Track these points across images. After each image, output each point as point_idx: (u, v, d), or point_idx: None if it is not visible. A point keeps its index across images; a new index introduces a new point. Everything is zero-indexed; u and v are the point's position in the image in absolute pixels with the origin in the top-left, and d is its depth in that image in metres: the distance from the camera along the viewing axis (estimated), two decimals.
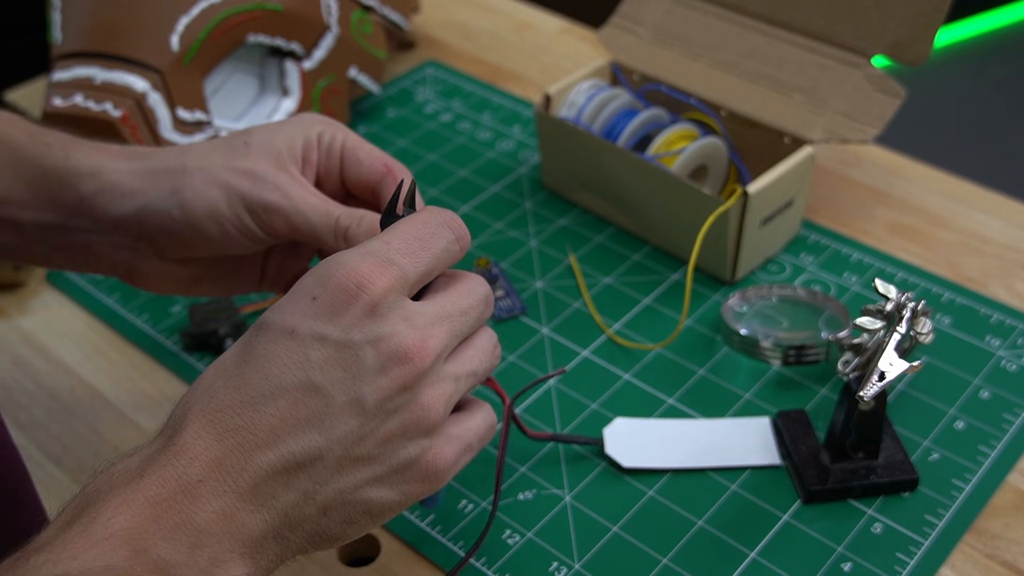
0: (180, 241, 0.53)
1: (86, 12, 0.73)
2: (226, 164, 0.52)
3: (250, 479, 0.40)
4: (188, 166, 0.52)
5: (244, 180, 0.51)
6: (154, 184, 0.52)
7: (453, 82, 0.90)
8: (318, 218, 0.51)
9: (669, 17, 0.76)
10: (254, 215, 0.51)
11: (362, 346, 0.42)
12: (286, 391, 0.41)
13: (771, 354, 0.63)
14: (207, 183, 0.51)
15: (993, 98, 2.18)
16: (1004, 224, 0.74)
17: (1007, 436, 0.59)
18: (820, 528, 0.55)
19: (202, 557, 0.38)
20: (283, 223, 0.51)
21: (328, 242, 0.51)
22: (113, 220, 0.53)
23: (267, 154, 0.52)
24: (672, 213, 0.69)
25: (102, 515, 0.38)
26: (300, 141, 0.53)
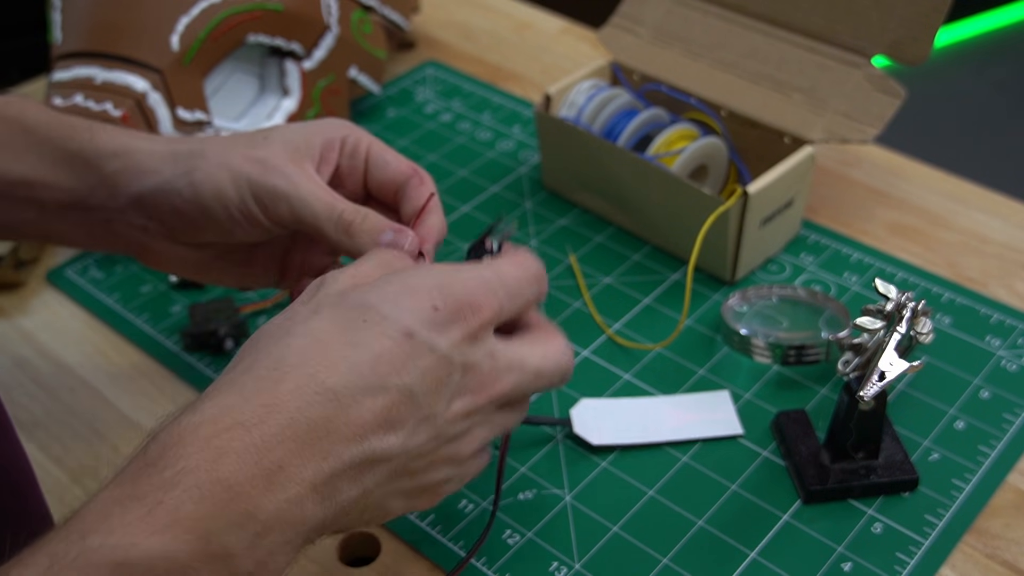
0: (189, 221, 0.53)
1: (86, 12, 0.73)
2: (242, 151, 0.53)
3: (328, 471, 0.39)
4: (207, 150, 0.53)
5: (254, 166, 0.52)
6: (172, 165, 0.53)
7: (453, 82, 0.90)
8: (321, 208, 0.51)
9: (669, 17, 0.76)
10: (258, 200, 0.52)
11: (457, 367, 0.43)
12: (387, 390, 0.41)
13: (771, 354, 0.63)
14: (218, 166, 0.52)
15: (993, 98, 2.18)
16: (1004, 224, 0.74)
17: (1007, 436, 0.59)
18: (820, 528, 0.55)
19: (262, 547, 0.38)
20: (286, 210, 0.51)
21: (330, 234, 0.52)
22: (130, 197, 0.53)
23: (283, 147, 0.53)
24: (672, 213, 0.69)
25: (169, 498, 0.36)
26: (320, 140, 0.54)
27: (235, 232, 0.53)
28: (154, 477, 0.37)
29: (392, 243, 0.51)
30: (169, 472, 0.37)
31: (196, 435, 0.38)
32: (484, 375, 0.44)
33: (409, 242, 0.51)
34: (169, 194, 0.53)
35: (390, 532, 0.56)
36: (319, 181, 0.52)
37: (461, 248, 0.73)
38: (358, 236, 0.51)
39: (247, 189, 0.52)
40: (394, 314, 0.42)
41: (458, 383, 0.43)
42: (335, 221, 0.51)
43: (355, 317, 0.42)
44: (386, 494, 0.43)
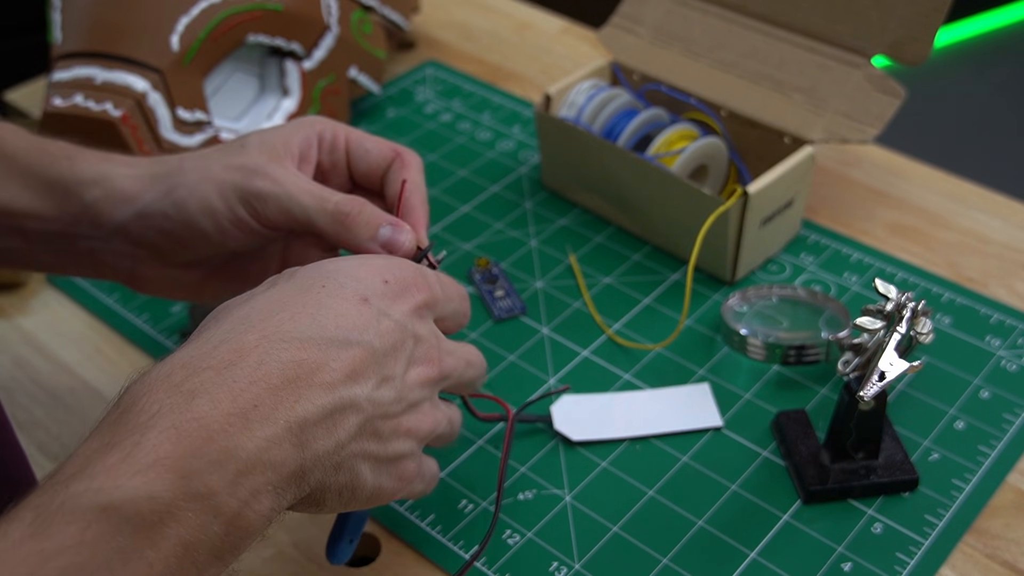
0: (178, 241, 0.53)
1: (86, 12, 0.73)
2: (221, 161, 0.52)
3: (302, 414, 0.40)
4: (185, 167, 0.53)
5: (236, 173, 0.52)
6: (152, 187, 0.53)
7: (453, 82, 0.90)
8: (312, 202, 0.51)
9: (669, 17, 0.76)
10: (247, 205, 0.51)
11: (410, 335, 0.46)
12: (352, 344, 0.43)
13: (771, 354, 0.63)
14: (200, 180, 0.52)
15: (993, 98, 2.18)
16: (1004, 224, 0.74)
17: (1007, 436, 0.59)
18: (820, 528, 0.55)
19: (244, 487, 0.38)
20: (276, 210, 0.51)
21: (326, 227, 0.52)
22: (114, 226, 0.53)
23: (261, 150, 0.53)
24: (672, 213, 0.69)
25: (147, 440, 0.37)
26: (297, 139, 0.54)
27: (227, 243, 0.53)
28: (130, 423, 0.37)
29: (390, 240, 0.52)
30: (144, 416, 0.37)
31: (167, 382, 0.39)
32: (433, 349, 0.47)
33: (407, 238, 0.52)
34: (154, 217, 0.52)
35: (390, 532, 0.56)
36: (303, 177, 0.52)
37: (461, 248, 0.73)
38: (355, 228, 0.51)
39: (234, 196, 0.51)
40: (350, 283, 0.45)
41: (412, 351, 0.46)
42: (329, 213, 0.51)
43: (314, 284, 0.44)
44: (356, 454, 0.43)
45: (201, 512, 0.37)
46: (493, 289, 0.70)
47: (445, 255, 0.53)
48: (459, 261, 0.72)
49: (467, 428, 0.61)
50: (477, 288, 0.70)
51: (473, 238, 0.74)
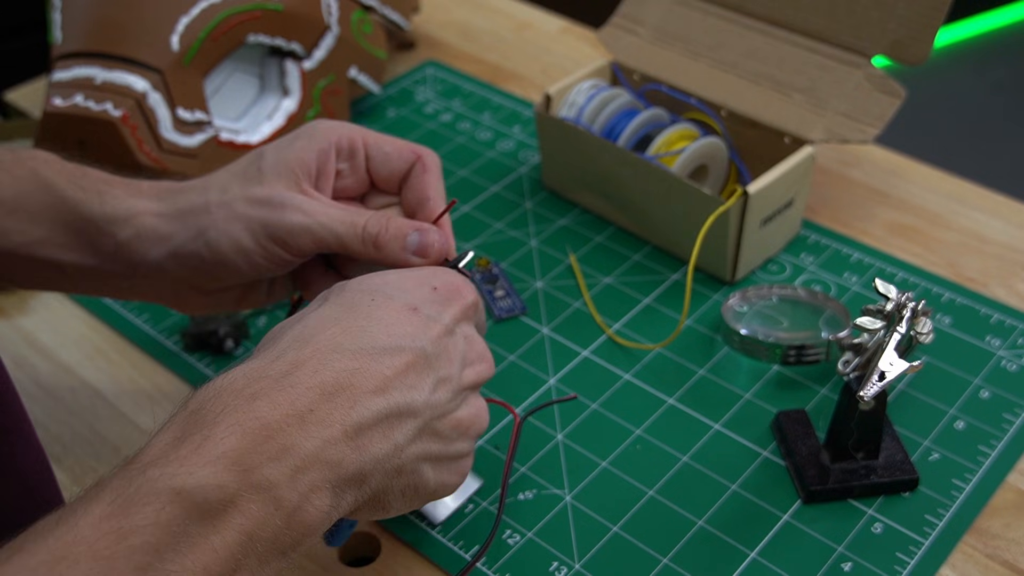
0: (214, 277, 0.54)
1: (86, 12, 0.73)
2: (243, 195, 0.53)
3: (356, 419, 0.42)
4: (210, 203, 0.53)
5: (262, 209, 0.52)
6: (182, 227, 0.53)
7: (453, 82, 0.90)
8: (344, 229, 0.52)
9: (669, 17, 0.76)
10: (279, 241, 0.52)
11: (460, 339, 0.48)
12: (403, 351, 0.45)
13: (771, 354, 0.63)
14: (228, 220, 0.52)
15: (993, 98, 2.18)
16: (1004, 224, 0.74)
17: (1007, 436, 0.59)
18: (820, 528, 0.55)
19: (303, 482, 0.40)
20: (309, 241, 0.52)
21: (357, 250, 0.53)
22: (149, 265, 0.54)
23: (280, 176, 0.53)
24: (672, 213, 0.69)
25: (215, 435, 0.39)
26: (313, 154, 0.54)
27: (262, 274, 0.54)
28: (199, 421, 0.40)
29: (420, 244, 0.53)
30: (211, 416, 0.40)
31: (231, 387, 0.41)
32: (482, 347, 0.50)
33: (436, 237, 0.53)
34: (188, 257, 0.53)
35: (390, 532, 0.56)
36: (326, 200, 0.53)
37: (462, 248, 0.73)
38: (386, 247, 0.53)
39: (263, 235, 0.52)
40: (398, 294, 0.47)
41: (464, 352, 0.48)
42: (361, 237, 0.53)
43: (363, 299, 0.46)
44: (417, 456, 0.45)
45: (263, 504, 0.39)
46: (493, 289, 0.70)
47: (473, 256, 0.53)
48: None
49: None
50: (477, 288, 0.70)
51: (473, 238, 0.74)
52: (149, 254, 0.54)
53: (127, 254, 0.54)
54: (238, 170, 0.54)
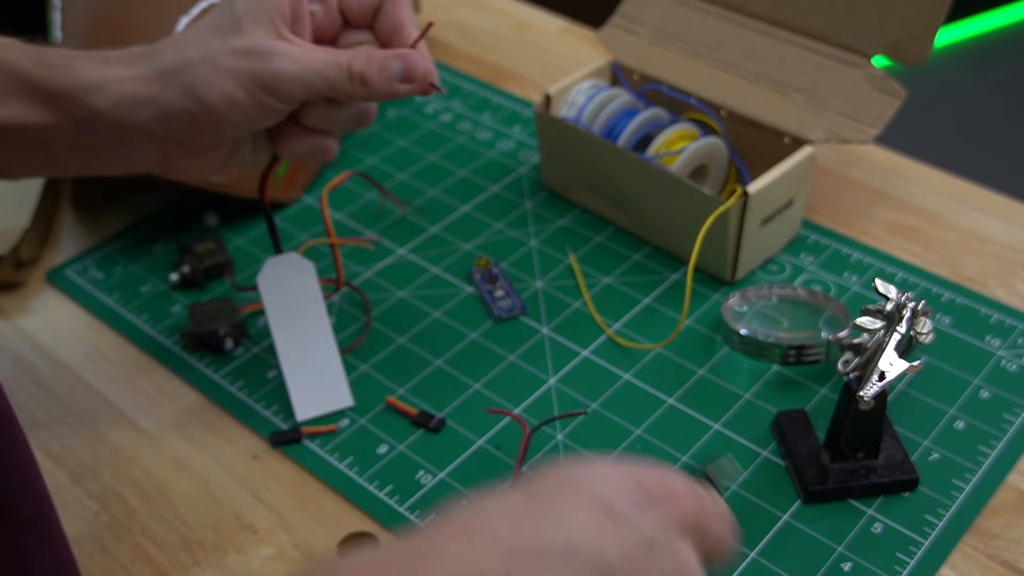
0: (203, 134, 0.54)
1: (86, 12, 0.73)
2: (225, 47, 0.52)
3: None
4: (191, 60, 0.53)
5: (250, 60, 0.52)
6: (165, 87, 0.53)
7: (453, 82, 0.90)
8: (331, 71, 0.52)
9: (669, 17, 0.76)
10: (270, 90, 0.52)
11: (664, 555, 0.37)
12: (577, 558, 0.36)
13: (771, 354, 0.63)
14: (215, 74, 0.52)
15: (993, 98, 2.18)
16: (1004, 224, 0.74)
17: (1007, 436, 0.59)
18: (820, 528, 0.55)
19: None
20: (300, 87, 0.52)
21: (346, 90, 0.53)
22: (136, 128, 0.53)
23: (258, 24, 0.53)
24: (672, 213, 0.69)
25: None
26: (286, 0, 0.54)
27: (253, 125, 0.54)
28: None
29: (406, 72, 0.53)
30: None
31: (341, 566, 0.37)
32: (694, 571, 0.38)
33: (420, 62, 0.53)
34: (178, 116, 0.53)
35: (390, 532, 0.56)
36: (309, 45, 0.53)
37: (462, 248, 0.73)
38: (373, 80, 0.53)
39: (254, 84, 0.52)
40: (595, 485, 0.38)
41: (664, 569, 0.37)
42: (349, 79, 0.53)
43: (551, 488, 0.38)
44: None
45: None
46: (493, 289, 0.70)
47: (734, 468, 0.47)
48: (459, 261, 0.72)
49: (468, 428, 0.61)
50: (477, 288, 0.70)
51: (473, 238, 0.74)
52: (134, 118, 0.53)
53: (109, 122, 0.53)
54: (211, 24, 0.54)
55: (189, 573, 0.55)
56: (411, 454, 0.60)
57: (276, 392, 0.64)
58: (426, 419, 0.61)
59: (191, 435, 0.62)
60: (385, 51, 0.54)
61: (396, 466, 0.60)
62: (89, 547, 0.56)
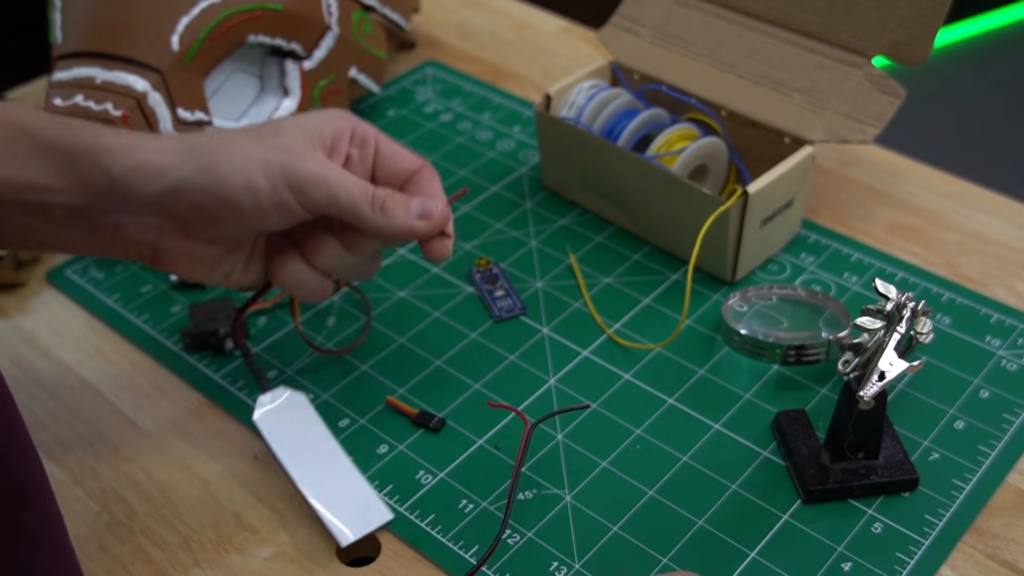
0: (211, 216, 0.53)
1: (86, 12, 0.73)
2: (261, 142, 0.53)
3: None
4: (225, 144, 0.53)
5: (283, 154, 0.52)
6: (187, 160, 0.52)
7: (453, 82, 0.90)
8: (358, 191, 0.53)
9: (669, 17, 0.76)
10: (293, 187, 0.52)
11: None
12: None
13: (771, 354, 0.63)
14: (244, 158, 0.52)
15: (993, 98, 2.18)
16: (1004, 224, 0.74)
17: (1007, 436, 0.59)
18: (820, 528, 0.55)
19: None
20: (323, 195, 0.52)
21: (366, 214, 0.53)
22: (144, 198, 0.53)
23: (299, 133, 0.54)
24: (672, 213, 0.69)
25: None
26: (330, 130, 0.55)
27: (261, 223, 0.53)
28: None
29: (424, 211, 0.54)
30: None
31: None
32: None
33: (436, 204, 0.55)
34: (190, 191, 0.52)
35: (390, 532, 0.56)
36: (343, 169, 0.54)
37: (462, 247, 0.73)
38: (391, 212, 0.54)
39: (280, 177, 0.52)
40: None
41: None
42: (371, 203, 0.53)
43: None
44: None
45: None
46: (493, 289, 0.70)
47: None
48: (459, 261, 0.72)
49: (468, 428, 0.61)
50: (477, 288, 0.70)
51: (473, 238, 0.74)
52: (147, 188, 0.52)
53: (122, 188, 0.52)
54: (251, 128, 0.55)
55: (189, 573, 0.55)
56: (411, 454, 0.60)
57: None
58: (426, 419, 0.61)
59: (191, 435, 0.62)
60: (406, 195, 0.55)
61: (396, 466, 0.60)
62: (89, 547, 0.57)
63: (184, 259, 0.56)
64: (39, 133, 0.52)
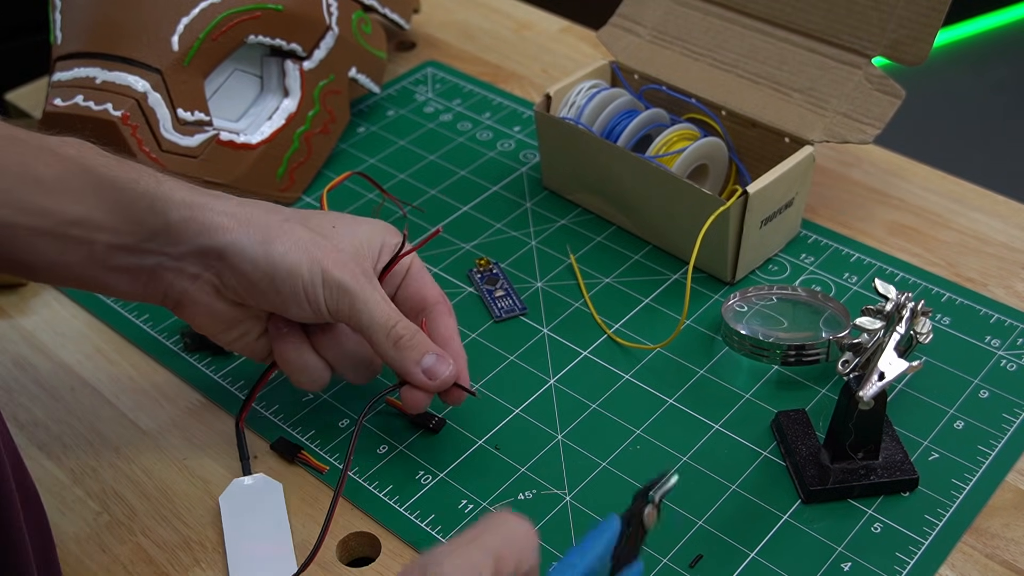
0: (250, 286, 0.54)
1: (87, 12, 0.73)
2: (314, 236, 0.55)
3: None
4: (281, 224, 0.55)
5: (330, 255, 0.54)
6: (247, 228, 0.54)
7: (453, 82, 0.90)
8: (380, 317, 0.55)
9: (669, 17, 0.76)
10: (327, 289, 0.54)
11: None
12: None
13: (771, 354, 0.63)
14: (296, 246, 0.54)
15: (993, 98, 2.18)
16: (1004, 224, 0.74)
17: (1007, 436, 0.59)
18: (820, 528, 0.55)
19: None
20: (348, 307, 0.54)
21: (380, 342, 0.55)
22: (193, 248, 0.54)
23: (351, 241, 0.56)
24: (672, 213, 0.69)
25: None
26: (379, 241, 0.58)
27: (289, 308, 0.55)
28: None
29: (432, 368, 0.55)
30: None
31: None
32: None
33: (448, 370, 0.56)
34: (239, 257, 0.54)
35: (390, 532, 0.56)
36: (381, 290, 0.56)
37: (463, 247, 0.73)
38: (404, 351, 0.55)
39: (320, 276, 0.54)
40: None
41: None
42: (387, 332, 0.55)
43: None
44: None
45: None
46: (493, 289, 0.70)
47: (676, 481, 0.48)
48: (459, 261, 0.72)
49: (468, 428, 0.61)
50: (477, 288, 0.70)
51: (473, 238, 0.74)
52: (199, 238, 0.54)
53: (174, 234, 0.54)
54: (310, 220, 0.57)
55: (189, 573, 0.55)
56: (411, 454, 0.60)
57: (276, 393, 0.64)
58: (426, 419, 0.61)
59: (191, 435, 0.62)
60: (430, 342, 0.56)
61: (396, 466, 0.60)
62: (89, 547, 0.57)
63: (206, 313, 0.57)
64: (97, 170, 0.53)
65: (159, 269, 0.55)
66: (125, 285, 0.55)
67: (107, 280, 0.55)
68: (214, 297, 0.56)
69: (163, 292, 0.56)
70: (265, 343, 0.59)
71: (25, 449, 0.61)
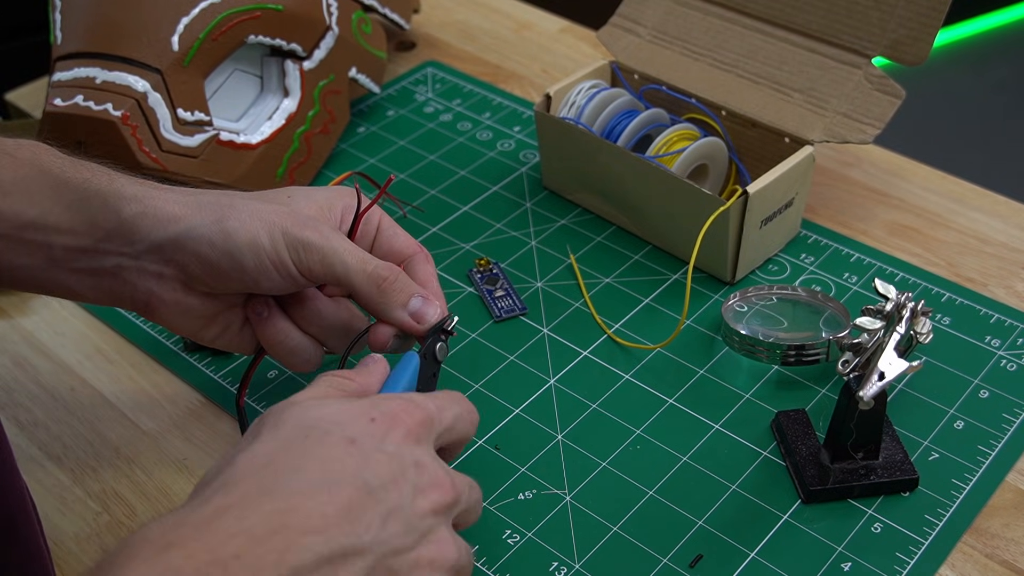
0: (212, 269, 0.53)
1: (87, 12, 0.73)
2: (270, 206, 0.54)
3: (293, 562, 0.39)
4: (234, 202, 0.54)
5: (287, 218, 0.54)
6: (198, 213, 0.53)
7: (453, 82, 0.90)
8: (353, 262, 0.54)
9: (669, 17, 0.76)
10: (292, 250, 0.53)
11: (410, 463, 0.44)
12: (342, 486, 0.42)
13: (771, 354, 0.63)
14: (252, 216, 0.53)
15: (993, 98, 2.18)
16: (1004, 224, 0.74)
17: (1007, 436, 0.59)
18: (820, 528, 0.55)
19: None
20: (318, 262, 0.53)
21: (362, 287, 0.54)
22: (150, 243, 0.53)
23: (309, 204, 0.56)
24: (672, 213, 0.69)
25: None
26: (339, 204, 0.57)
27: (260, 282, 0.54)
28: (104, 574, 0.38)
29: (419, 311, 0.55)
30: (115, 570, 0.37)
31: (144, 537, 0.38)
32: (439, 472, 0.45)
33: (435, 312, 0.55)
34: (196, 241, 0.53)
35: None
36: (349, 241, 0.55)
37: (463, 247, 0.73)
38: (389, 293, 0.54)
39: (281, 239, 0.53)
40: (334, 428, 0.44)
41: (415, 479, 0.44)
42: (367, 274, 0.54)
43: (296, 436, 0.44)
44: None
45: None
46: (493, 289, 0.70)
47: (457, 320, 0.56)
48: (459, 261, 0.72)
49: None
50: (477, 288, 0.70)
51: (473, 238, 0.74)
52: (154, 233, 0.53)
53: (128, 231, 0.53)
54: (264, 194, 0.56)
55: None
56: None
57: (276, 393, 0.64)
58: None
59: (191, 435, 0.62)
60: (414, 283, 0.56)
61: None
62: (89, 547, 0.57)
63: (178, 311, 0.56)
64: (52, 171, 0.53)
65: (119, 270, 0.54)
66: (88, 289, 0.55)
67: (70, 284, 0.55)
68: (183, 293, 0.55)
69: (129, 295, 0.55)
70: (249, 333, 0.58)
71: (25, 449, 0.61)
